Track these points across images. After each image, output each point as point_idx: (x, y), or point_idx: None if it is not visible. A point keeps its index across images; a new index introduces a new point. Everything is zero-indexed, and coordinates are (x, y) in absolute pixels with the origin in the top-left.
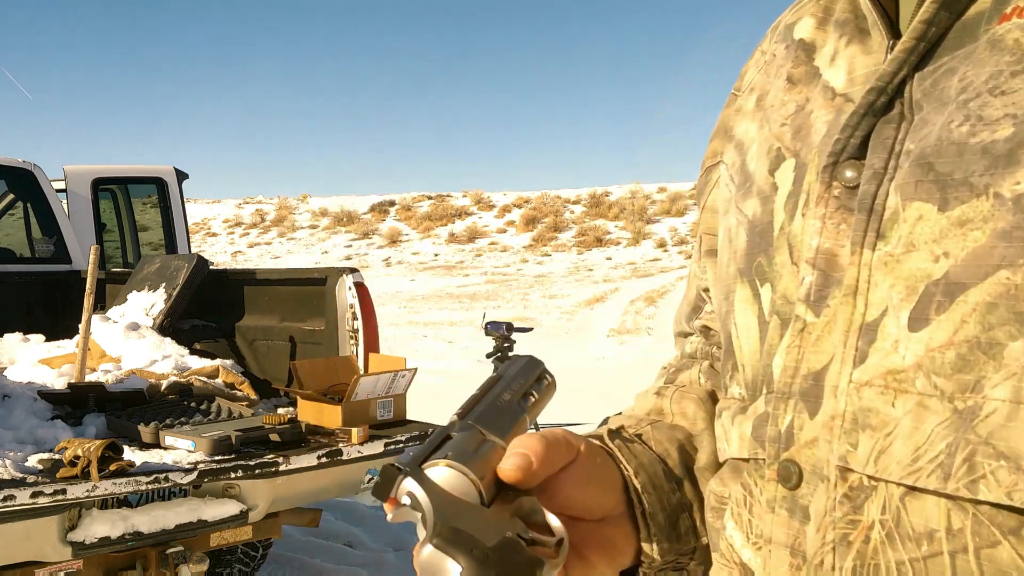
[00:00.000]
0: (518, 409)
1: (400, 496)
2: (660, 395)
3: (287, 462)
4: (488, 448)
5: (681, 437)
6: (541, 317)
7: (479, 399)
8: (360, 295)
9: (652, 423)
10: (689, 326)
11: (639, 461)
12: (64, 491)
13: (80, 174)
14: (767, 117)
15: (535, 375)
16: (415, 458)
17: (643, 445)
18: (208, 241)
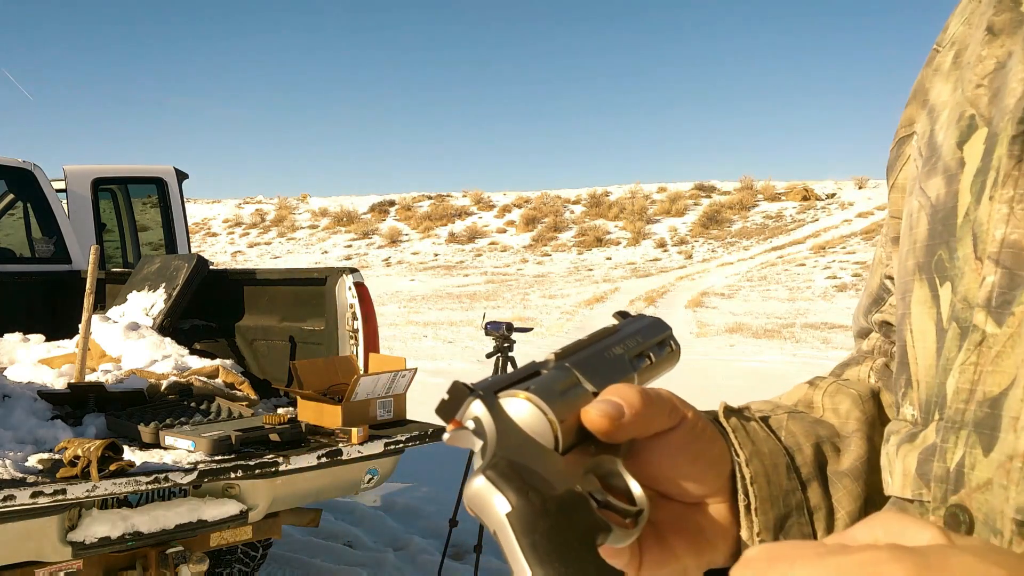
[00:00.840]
0: (627, 367)
1: (465, 419)
2: (813, 385)
3: (287, 462)
4: (578, 393)
5: (823, 434)
6: (541, 317)
7: (584, 345)
8: (360, 295)
9: (791, 412)
10: (867, 321)
11: (756, 448)
12: (64, 491)
13: (80, 174)
14: (962, 77)
15: (658, 338)
16: (492, 384)
17: (768, 431)
18: (208, 241)
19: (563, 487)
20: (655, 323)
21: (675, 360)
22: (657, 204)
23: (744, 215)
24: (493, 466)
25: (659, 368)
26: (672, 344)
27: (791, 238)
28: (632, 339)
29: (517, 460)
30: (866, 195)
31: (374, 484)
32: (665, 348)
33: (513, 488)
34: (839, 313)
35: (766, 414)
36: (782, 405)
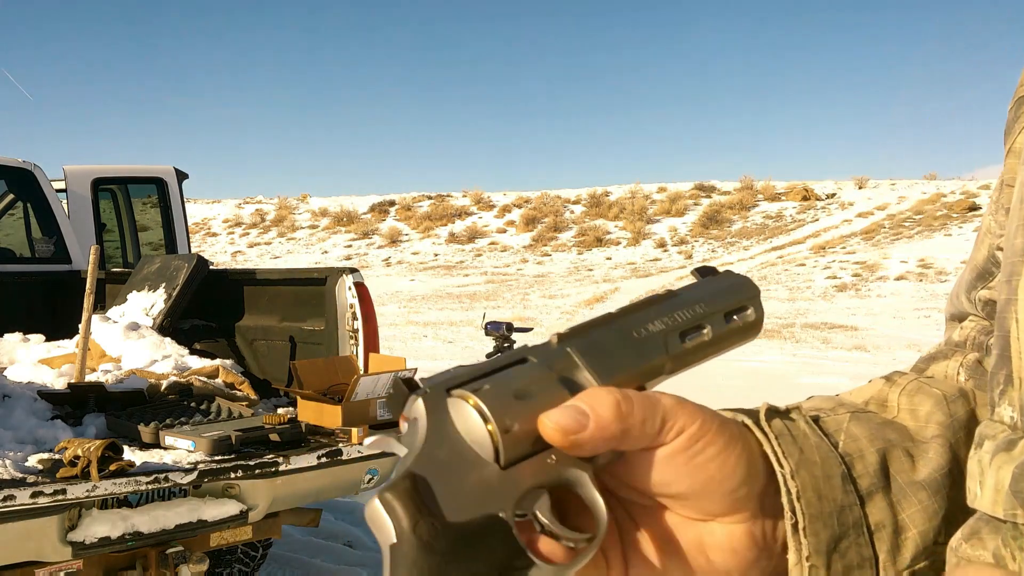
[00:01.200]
0: (658, 347)
1: (409, 416)
2: (890, 382)
3: (287, 462)
4: (554, 390)
5: (894, 439)
6: (541, 317)
7: (605, 321)
8: (360, 295)
9: (856, 412)
10: (969, 299)
11: (804, 456)
12: (64, 491)
13: (80, 174)
14: None
15: (730, 304)
16: (448, 380)
17: (820, 435)
18: (208, 241)
19: (483, 511)
20: (734, 284)
21: (751, 333)
22: (657, 204)
23: (744, 215)
24: (393, 486)
25: (720, 344)
26: (749, 312)
27: (791, 238)
28: (689, 308)
29: (434, 477)
30: (866, 195)
31: (374, 484)
32: (741, 315)
33: (408, 514)
34: (839, 313)
35: (821, 414)
36: (847, 403)
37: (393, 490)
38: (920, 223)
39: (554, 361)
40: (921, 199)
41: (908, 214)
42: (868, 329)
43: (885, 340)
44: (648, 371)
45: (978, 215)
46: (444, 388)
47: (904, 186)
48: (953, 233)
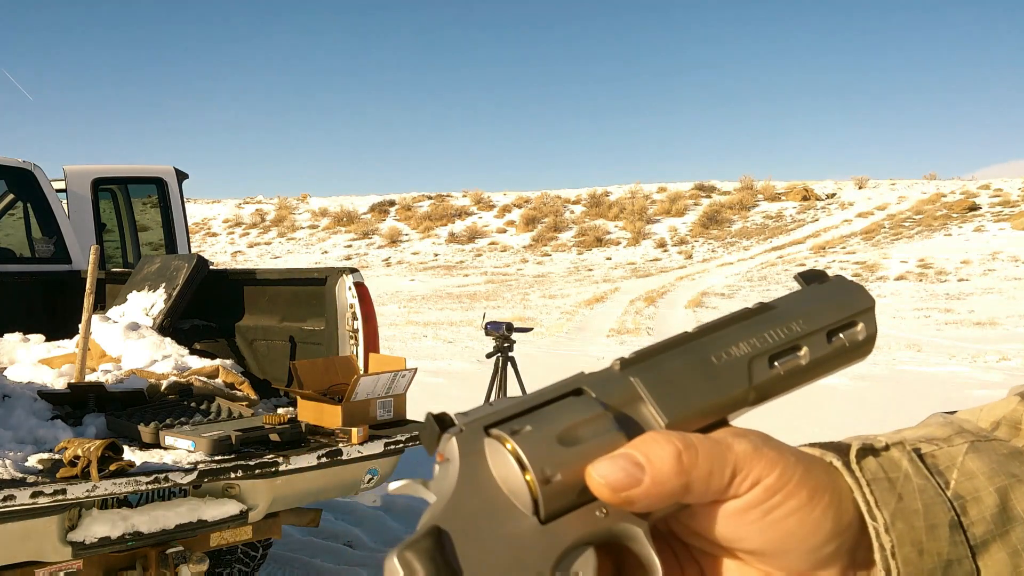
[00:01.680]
0: (740, 378)
1: (445, 454)
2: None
3: (287, 462)
4: (616, 430)
5: (1021, 474)
6: (541, 317)
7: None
8: (360, 295)
9: (977, 441)
10: None
11: (903, 504)
12: (64, 491)
13: (80, 174)
14: None
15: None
16: (488, 416)
17: (925, 475)
18: (208, 241)
19: (516, 573)
20: (842, 295)
21: (860, 354)
22: (657, 204)
23: (744, 215)
24: (414, 544)
25: (820, 369)
26: (859, 328)
27: (791, 238)
28: (784, 325)
29: (463, 532)
30: (866, 195)
31: (374, 484)
32: (838, 337)
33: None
34: None
35: (931, 446)
36: (968, 429)
37: (413, 548)
38: (920, 223)
39: (613, 394)
40: (921, 199)
41: (908, 214)
42: None
43: (885, 340)
44: (727, 405)
45: (978, 215)
46: (481, 427)
47: (904, 186)
48: (953, 233)
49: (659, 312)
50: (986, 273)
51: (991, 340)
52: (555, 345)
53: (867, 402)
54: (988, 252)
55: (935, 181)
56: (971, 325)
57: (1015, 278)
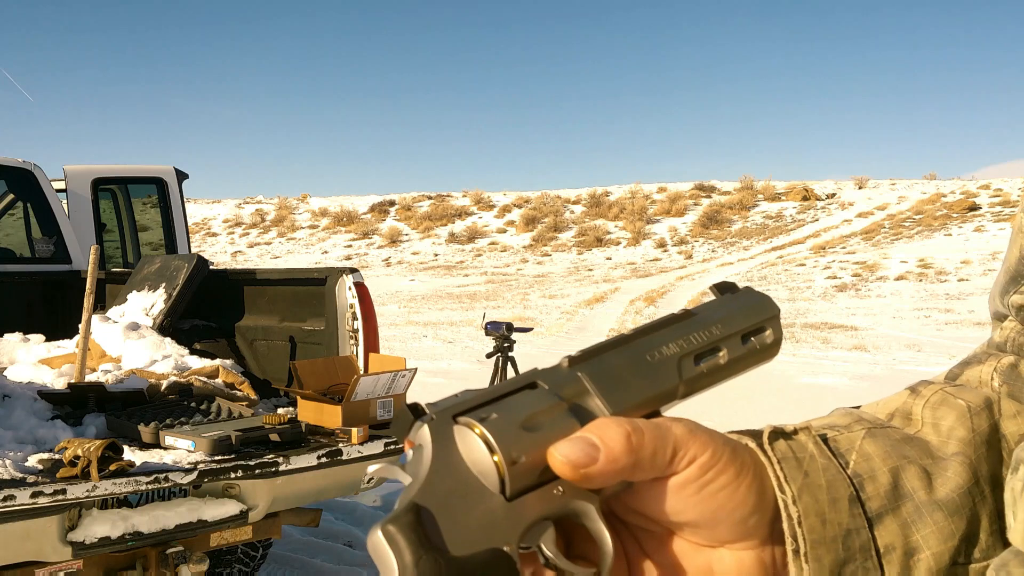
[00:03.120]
0: (671, 373)
1: (415, 442)
2: (915, 393)
3: (287, 462)
4: (564, 420)
5: (911, 456)
6: (541, 317)
7: (618, 343)
8: (360, 295)
9: (873, 428)
10: (1003, 303)
11: (809, 480)
12: (64, 491)
13: (80, 174)
14: None
15: (749, 324)
16: (455, 406)
17: (829, 456)
18: (208, 241)
19: (487, 544)
20: (753, 304)
21: (768, 355)
22: (657, 204)
23: (744, 215)
24: (396, 518)
25: (736, 367)
26: (768, 334)
27: (791, 238)
28: (706, 329)
29: (438, 509)
30: (866, 195)
31: (374, 484)
32: (750, 340)
33: (411, 548)
34: (839, 313)
35: (834, 432)
36: (866, 418)
37: (396, 522)
38: (920, 223)
39: (564, 387)
40: (921, 199)
41: (908, 214)
42: (868, 329)
43: (885, 340)
44: (660, 397)
45: (978, 215)
46: (450, 415)
47: (904, 186)
48: (953, 233)
49: (659, 312)
50: (986, 273)
51: None
52: (555, 345)
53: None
54: (988, 252)
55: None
56: (971, 325)
57: None
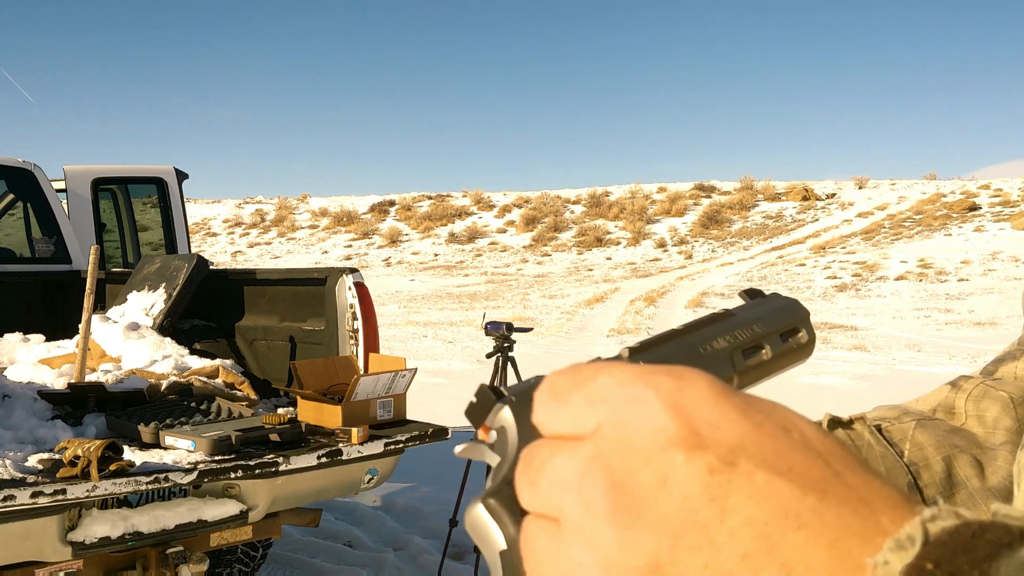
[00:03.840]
0: (726, 365)
1: (495, 425)
2: (955, 387)
3: (287, 462)
4: None
5: (961, 445)
6: (541, 317)
7: (672, 336)
8: (360, 295)
9: (922, 420)
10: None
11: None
12: (64, 491)
13: (80, 174)
14: None
15: (784, 325)
16: (530, 388)
17: (885, 445)
18: (208, 241)
19: None
20: (785, 306)
21: (804, 354)
22: (657, 204)
23: (744, 215)
24: (496, 492)
25: (778, 364)
26: (802, 334)
27: (791, 238)
28: (748, 327)
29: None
30: (866, 195)
31: (374, 484)
32: (789, 339)
33: (515, 522)
34: (839, 313)
35: (885, 423)
36: (912, 411)
37: (497, 496)
38: (920, 223)
39: None
40: (921, 199)
41: (908, 214)
42: (868, 329)
43: (885, 340)
44: None
45: (978, 215)
46: (528, 397)
47: (904, 186)
48: (953, 233)
49: (659, 312)
50: (986, 273)
51: (991, 340)
52: (555, 345)
53: (867, 402)
54: (988, 252)
55: (935, 181)
56: (971, 325)
57: (1015, 278)
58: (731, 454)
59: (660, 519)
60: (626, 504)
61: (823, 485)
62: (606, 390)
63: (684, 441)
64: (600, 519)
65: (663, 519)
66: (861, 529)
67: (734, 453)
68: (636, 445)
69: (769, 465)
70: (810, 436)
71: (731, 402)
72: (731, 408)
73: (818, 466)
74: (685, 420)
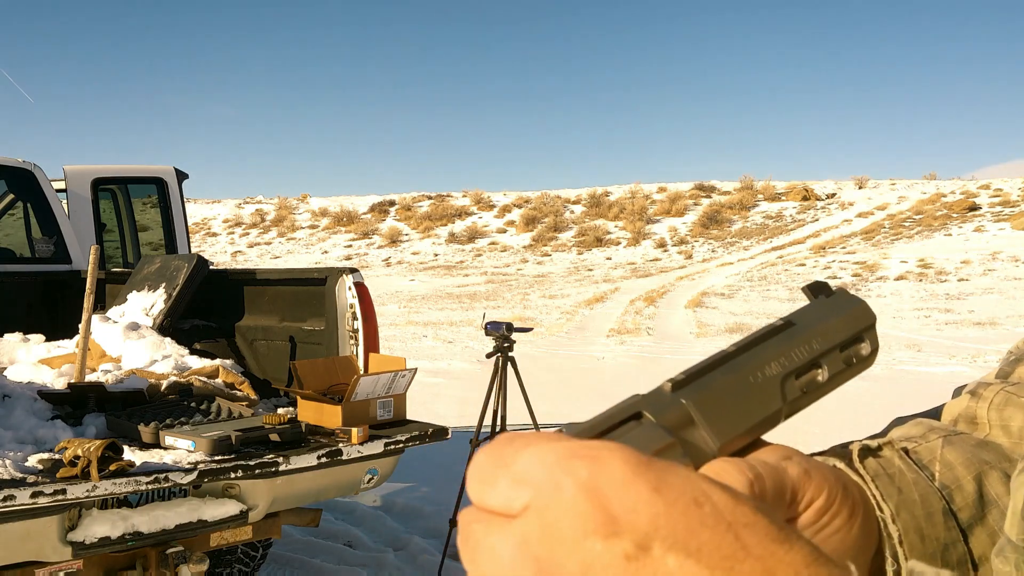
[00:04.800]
0: (775, 397)
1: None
2: (975, 396)
3: (287, 462)
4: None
5: (991, 460)
6: (541, 317)
7: (724, 359)
8: (360, 295)
9: (947, 436)
10: None
11: (904, 496)
12: (64, 491)
13: (80, 174)
14: None
15: (847, 336)
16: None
17: (916, 469)
18: (208, 241)
19: None
20: (850, 313)
21: (863, 368)
22: (657, 204)
23: (744, 215)
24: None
25: (834, 384)
26: (864, 346)
27: (791, 238)
28: (805, 343)
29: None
30: (866, 195)
31: (374, 484)
32: (848, 354)
33: None
34: None
35: (912, 443)
36: (937, 427)
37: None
38: (920, 223)
39: (670, 417)
40: (921, 199)
41: (908, 214)
42: None
43: (885, 340)
44: (765, 423)
45: (978, 215)
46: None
47: (904, 186)
48: (953, 233)
49: (659, 312)
50: (986, 273)
51: (991, 340)
52: (555, 345)
53: (867, 402)
54: (988, 252)
55: (935, 181)
56: (971, 325)
57: (1015, 278)
58: (645, 539)
59: None
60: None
61: (730, 563)
62: (530, 473)
63: (602, 528)
64: None
65: None
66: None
67: (648, 537)
68: (560, 533)
69: (680, 546)
70: (722, 507)
71: (646, 480)
72: (645, 488)
73: (727, 541)
74: (601, 506)
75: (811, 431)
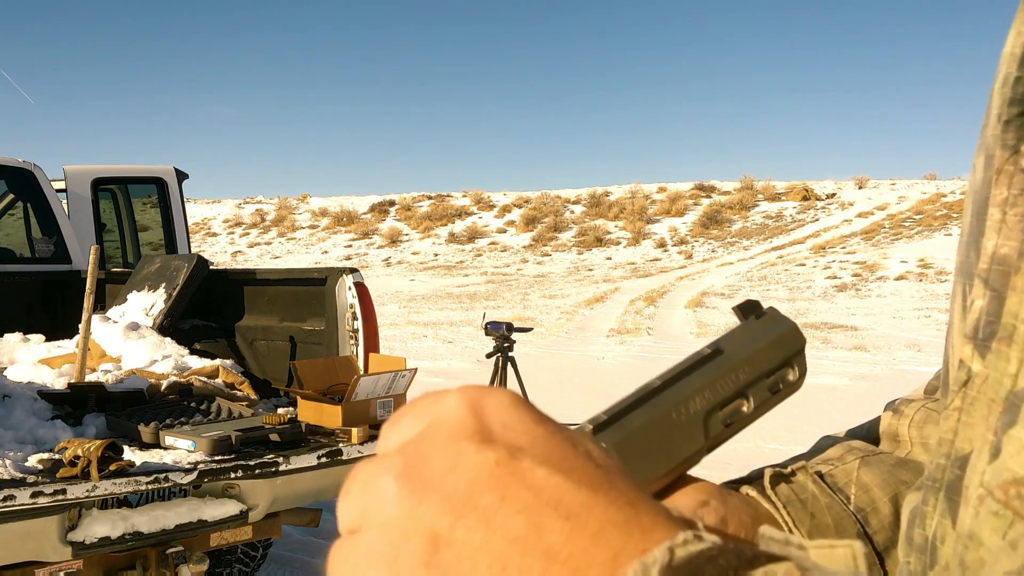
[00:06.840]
0: (696, 433)
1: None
2: (897, 413)
3: (287, 462)
4: None
5: (908, 480)
6: (541, 317)
7: (649, 395)
8: (360, 295)
9: (865, 457)
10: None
11: (816, 521)
12: (64, 491)
13: (80, 174)
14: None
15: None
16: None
17: (831, 494)
18: (208, 241)
19: None
20: (778, 337)
21: (788, 395)
22: (657, 204)
23: (744, 215)
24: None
25: (757, 414)
26: (792, 373)
27: (791, 238)
28: (731, 374)
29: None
30: (866, 195)
31: None
32: (774, 381)
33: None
34: (839, 313)
35: (828, 466)
36: (855, 448)
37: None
38: (920, 223)
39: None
40: (921, 199)
41: (908, 214)
42: (868, 329)
43: (885, 340)
44: (685, 463)
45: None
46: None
47: (904, 186)
48: (953, 233)
49: (659, 312)
50: None
51: None
52: (555, 345)
53: (867, 402)
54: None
55: (935, 181)
56: None
57: None
58: (518, 451)
59: (445, 499)
60: (416, 484)
61: (596, 484)
62: (428, 405)
63: (477, 435)
64: (389, 499)
65: (448, 499)
66: (623, 523)
67: (521, 451)
68: (435, 436)
69: (551, 464)
70: (594, 453)
71: (528, 412)
72: (527, 416)
73: (597, 473)
74: (480, 419)
75: (811, 431)
